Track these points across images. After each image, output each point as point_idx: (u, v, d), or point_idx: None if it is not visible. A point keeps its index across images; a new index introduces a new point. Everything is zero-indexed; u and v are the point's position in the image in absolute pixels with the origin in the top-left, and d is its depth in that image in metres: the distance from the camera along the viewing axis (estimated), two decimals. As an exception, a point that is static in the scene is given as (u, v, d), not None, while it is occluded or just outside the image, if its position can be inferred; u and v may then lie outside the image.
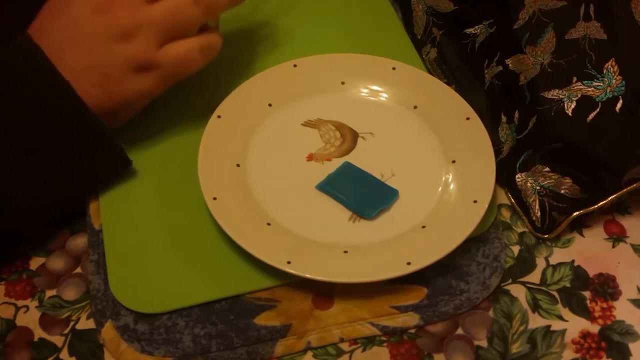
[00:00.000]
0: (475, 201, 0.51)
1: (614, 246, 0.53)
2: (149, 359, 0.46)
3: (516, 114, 0.54)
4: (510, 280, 0.51)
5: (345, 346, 0.48)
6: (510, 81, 0.55)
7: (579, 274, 0.52)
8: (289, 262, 0.48)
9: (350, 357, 0.47)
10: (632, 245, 0.53)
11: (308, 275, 0.47)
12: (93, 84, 0.49)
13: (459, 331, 0.49)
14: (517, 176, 0.54)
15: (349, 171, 0.54)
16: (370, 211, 0.52)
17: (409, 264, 0.48)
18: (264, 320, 0.48)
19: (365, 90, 0.60)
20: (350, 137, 0.57)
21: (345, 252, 0.50)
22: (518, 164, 0.54)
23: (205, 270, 0.50)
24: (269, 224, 0.51)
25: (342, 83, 0.60)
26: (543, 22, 0.53)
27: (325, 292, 0.49)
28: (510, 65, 0.55)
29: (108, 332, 0.48)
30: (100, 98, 0.50)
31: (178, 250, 0.51)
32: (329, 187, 0.53)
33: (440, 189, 0.54)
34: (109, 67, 0.50)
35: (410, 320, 0.49)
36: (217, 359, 0.47)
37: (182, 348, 0.47)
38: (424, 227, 0.51)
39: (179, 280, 0.49)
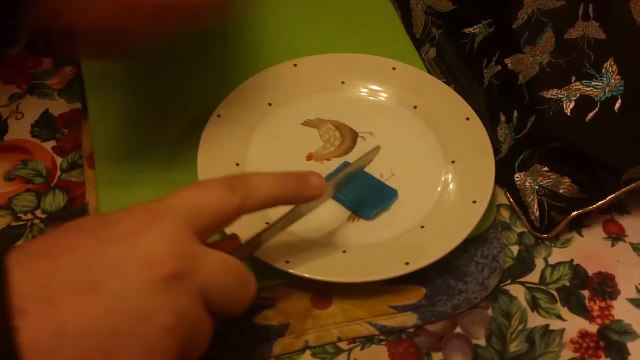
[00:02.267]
0: (474, 202, 0.51)
1: (613, 245, 0.53)
2: None
3: (515, 114, 0.55)
4: (509, 281, 0.51)
5: (343, 345, 0.48)
6: (510, 81, 0.55)
7: (578, 273, 0.52)
8: (287, 262, 0.48)
9: (349, 355, 0.47)
10: (632, 245, 0.53)
11: (307, 275, 0.47)
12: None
13: (458, 330, 0.49)
14: (516, 176, 0.54)
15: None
16: (369, 211, 0.52)
17: (407, 264, 0.48)
18: (262, 319, 0.48)
19: (365, 90, 0.60)
20: (350, 137, 0.57)
21: (344, 252, 0.50)
22: (517, 163, 0.54)
23: (205, 269, 0.50)
24: (267, 224, 0.51)
25: (342, 83, 0.60)
26: (542, 22, 0.53)
27: (323, 292, 0.49)
28: (509, 65, 0.55)
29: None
30: None
31: (178, 250, 0.51)
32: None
33: (439, 189, 0.54)
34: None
35: (409, 320, 0.49)
36: (216, 358, 0.47)
37: (181, 347, 0.47)
38: (423, 227, 0.51)
39: (178, 280, 0.49)
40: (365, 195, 0.53)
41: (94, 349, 0.33)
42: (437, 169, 0.55)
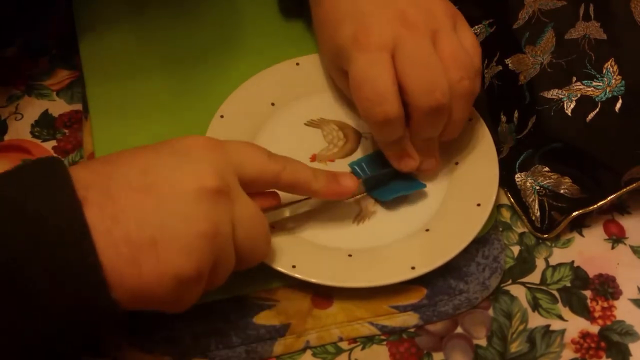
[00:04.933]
0: (478, 204, 0.51)
1: (613, 247, 0.53)
2: (149, 358, 0.47)
3: (516, 114, 0.55)
4: (510, 281, 0.51)
5: (344, 344, 0.48)
6: (510, 81, 0.55)
7: (579, 275, 0.52)
8: (294, 267, 0.48)
9: (350, 355, 0.48)
10: (631, 247, 0.53)
11: (313, 280, 0.47)
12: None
13: (459, 330, 0.49)
14: (516, 176, 0.54)
15: (382, 157, 0.54)
16: (386, 195, 0.52)
17: (413, 268, 0.48)
18: (263, 319, 0.48)
19: (367, 90, 0.60)
20: (353, 138, 0.57)
21: (350, 255, 0.50)
22: (517, 163, 0.54)
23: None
24: (272, 227, 0.51)
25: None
26: (543, 22, 0.53)
27: (324, 292, 0.49)
28: (509, 65, 0.55)
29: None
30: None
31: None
32: (358, 167, 0.54)
33: (443, 191, 0.54)
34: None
35: (410, 320, 0.49)
36: (216, 357, 0.47)
37: (181, 347, 0.47)
38: (427, 230, 0.51)
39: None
40: (389, 180, 0.53)
41: (143, 237, 0.38)
42: (441, 170, 0.55)
